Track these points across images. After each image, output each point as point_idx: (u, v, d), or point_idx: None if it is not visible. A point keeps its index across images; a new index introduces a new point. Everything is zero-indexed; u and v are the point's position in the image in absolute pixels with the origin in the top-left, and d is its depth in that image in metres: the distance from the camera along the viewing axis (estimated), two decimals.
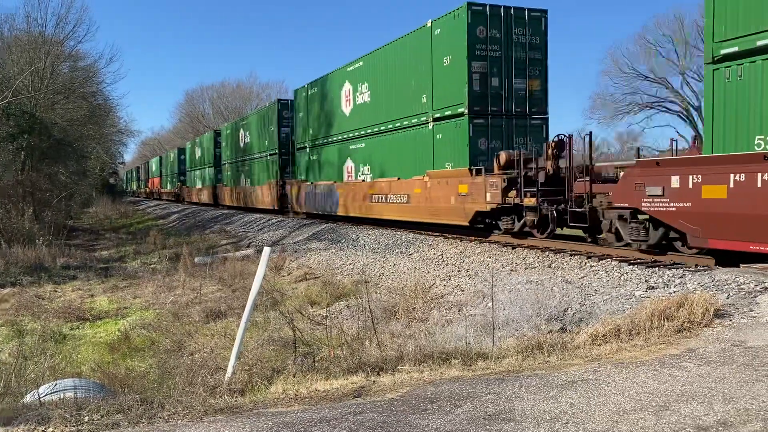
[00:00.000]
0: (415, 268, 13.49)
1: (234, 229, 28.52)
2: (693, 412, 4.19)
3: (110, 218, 44.21)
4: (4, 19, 29.77)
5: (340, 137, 22.03)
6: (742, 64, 8.96)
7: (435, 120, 16.12)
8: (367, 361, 5.90)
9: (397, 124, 17.94)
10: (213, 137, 43.99)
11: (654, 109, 47.61)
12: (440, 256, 13.89)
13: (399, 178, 17.64)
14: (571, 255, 11.63)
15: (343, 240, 18.66)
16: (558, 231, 12.98)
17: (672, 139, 13.38)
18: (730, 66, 9.11)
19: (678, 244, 10.39)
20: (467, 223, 14.86)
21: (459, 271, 12.40)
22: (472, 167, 14.63)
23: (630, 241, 10.96)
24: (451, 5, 15.91)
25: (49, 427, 4.31)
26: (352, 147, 21.05)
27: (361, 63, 20.18)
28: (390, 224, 19.45)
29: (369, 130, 19.63)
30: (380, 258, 15.22)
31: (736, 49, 8.99)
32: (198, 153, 49.61)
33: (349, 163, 21.24)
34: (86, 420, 4.43)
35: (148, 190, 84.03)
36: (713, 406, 4.27)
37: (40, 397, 5.14)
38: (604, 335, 6.53)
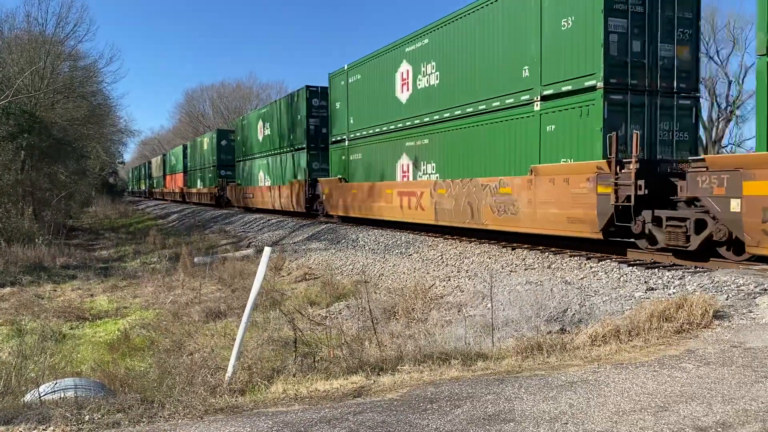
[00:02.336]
0: (414, 268, 13.51)
1: (234, 229, 28.52)
2: (692, 412, 4.20)
3: (110, 218, 44.18)
4: (4, 19, 29.87)
5: None
6: None
7: None
8: (367, 361, 5.91)
9: None
10: (305, 97, 24.94)
11: None
12: (440, 257, 13.90)
13: None
14: (570, 256, 11.64)
15: (343, 240, 18.67)
16: None
17: None
18: None
19: None
20: None
21: (458, 271, 12.42)
22: None
23: None
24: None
25: (49, 426, 4.32)
26: None
27: None
28: (389, 225, 19.46)
29: None
30: (380, 258, 15.23)
31: None
32: (264, 131, 31.26)
33: None
34: (87, 419, 4.43)
35: (165, 189, 65.36)
36: (712, 407, 4.28)
37: (40, 396, 5.15)
38: (603, 336, 6.54)
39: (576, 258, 11.41)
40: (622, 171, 10.46)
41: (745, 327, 6.65)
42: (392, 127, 18.36)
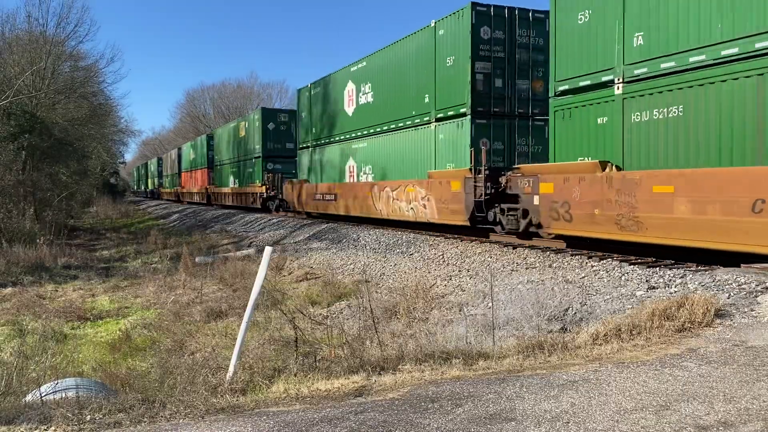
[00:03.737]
0: (415, 267, 13.50)
1: (235, 228, 28.53)
2: (694, 411, 4.19)
3: (111, 218, 44.21)
4: (5, 19, 29.89)
5: None
6: None
7: None
8: (368, 361, 5.90)
9: None
10: (468, 25, 14.84)
11: None
12: (441, 256, 13.89)
13: None
14: (572, 255, 11.63)
15: (344, 240, 18.67)
16: None
17: None
18: None
19: None
20: None
21: (460, 270, 12.41)
22: None
23: None
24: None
25: (51, 426, 4.32)
26: None
27: None
28: (390, 224, 19.44)
29: None
30: (381, 258, 15.22)
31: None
32: (359, 98, 20.94)
33: None
34: (88, 419, 4.43)
35: (180, 189, 55.66)
36: (714, 406, 4.28)
37: (41, 396, 5.15)
38: (605, 335, 6.54)
39: (577, 257, 11.40)
40: None
41: (746, 325, 6.64)
42: None
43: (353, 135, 21.44)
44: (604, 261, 10.73)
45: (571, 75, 12.03)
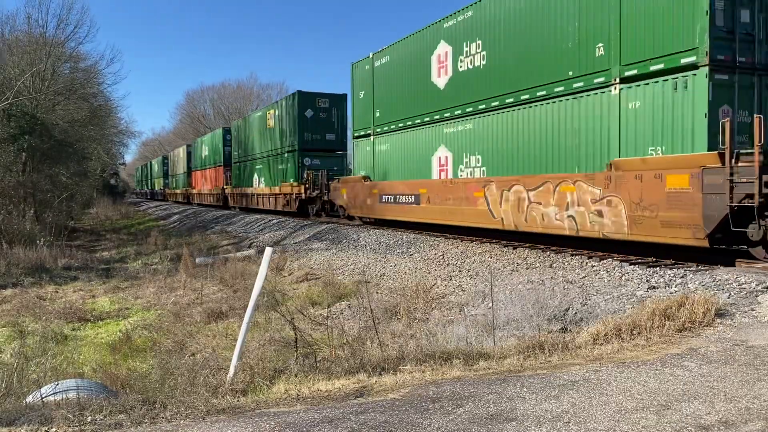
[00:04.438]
0: (416, 268, 13.50)
1: (235, 229, 28.53)
2: (694, 411, 4.19)
3: (111, 219, 44.21)
4: (5, 21, 29.89)
5: None
6: None
7: None
8: (369, 361, 5.91)
9: None
10: None
11: None
12: (441, 257, 13.89)
13: None
14: (572, 255, 11.63)
15: (344, 240, 18.67)
16: None
17: None
18: None
19: None
20: None
21: (460, 271, 12.41)
22: None
23: None
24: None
25: (51, 428, 4.32)
26: None
27: None
28: (391, 224, 19.44)
29: None
30: (381, 258, 15.23)
31: None
32: (461, 63, 15.31)
33: None
34: (89, 420, 4.43)
35: (191, 190, 50.81)
36: (715, 406, 4.28)
37: (42, 398, 5.15)
38: (605, 335, 6.54)
39: (577, 257, 11.41)
40: None
41: (747, 325, 6.65)
42: None
43: (447, 114, 15.98)
44: (605, 261, 10.74)
45: None
